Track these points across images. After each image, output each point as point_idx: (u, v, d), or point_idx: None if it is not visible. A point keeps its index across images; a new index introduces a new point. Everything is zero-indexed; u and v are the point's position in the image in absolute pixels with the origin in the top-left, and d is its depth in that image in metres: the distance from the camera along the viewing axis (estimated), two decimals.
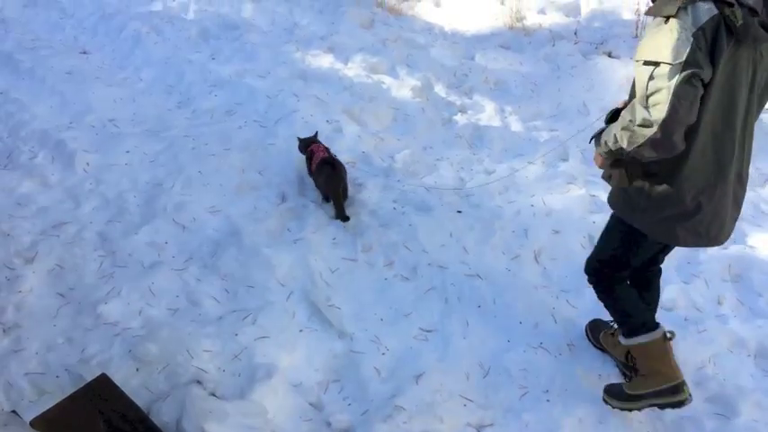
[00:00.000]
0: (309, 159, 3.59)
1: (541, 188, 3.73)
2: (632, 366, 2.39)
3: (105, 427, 2.15)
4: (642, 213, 2.06)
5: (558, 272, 3.09)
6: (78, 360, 2.58)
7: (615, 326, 2.53)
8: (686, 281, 3.09)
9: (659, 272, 2.52)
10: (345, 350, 2.69)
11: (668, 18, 1.73)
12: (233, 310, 2.85)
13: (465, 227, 3.38)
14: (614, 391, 2.41)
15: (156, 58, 5.24)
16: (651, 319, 2.34)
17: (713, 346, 2.71)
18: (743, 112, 1.90)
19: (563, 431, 2.35)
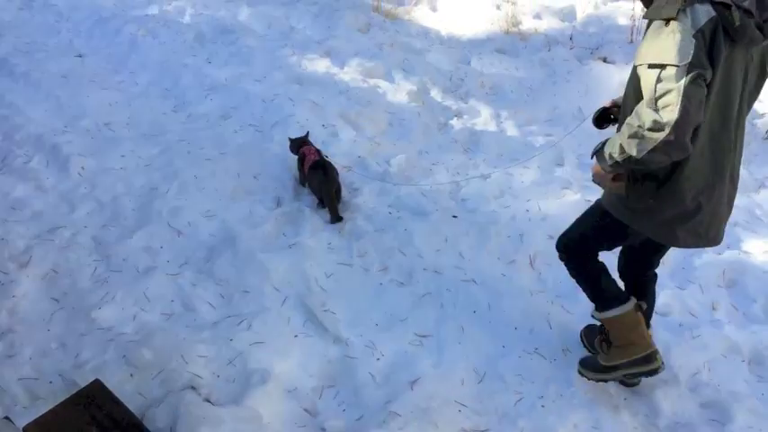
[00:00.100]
0: (301, 161, 3.59)
1: (537, 193, 3.74)
2: (606, 338, 2.47)
3: None
4: (641, 216, 2.07)
5: (554, 277, 3.09)
6: (72, 365, 2.56)
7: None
8: (681, 286, 3.11)
9: (654, 277, 2.53)
10: (340, 355, 2.69)
11: (668, 21, 1.74)
12: (228, 315, 2.84)
13: (460, 232, 3.38)
14: (589, 363, 2.51)
15: (152, 61, 5.23)
16: (622, 292, 2.41)
17: (708, 352, 2.72)
18: (736, 113, 1.92)
19: None
